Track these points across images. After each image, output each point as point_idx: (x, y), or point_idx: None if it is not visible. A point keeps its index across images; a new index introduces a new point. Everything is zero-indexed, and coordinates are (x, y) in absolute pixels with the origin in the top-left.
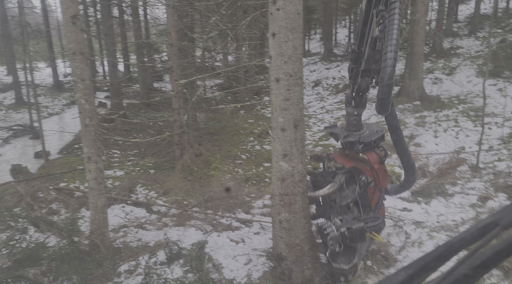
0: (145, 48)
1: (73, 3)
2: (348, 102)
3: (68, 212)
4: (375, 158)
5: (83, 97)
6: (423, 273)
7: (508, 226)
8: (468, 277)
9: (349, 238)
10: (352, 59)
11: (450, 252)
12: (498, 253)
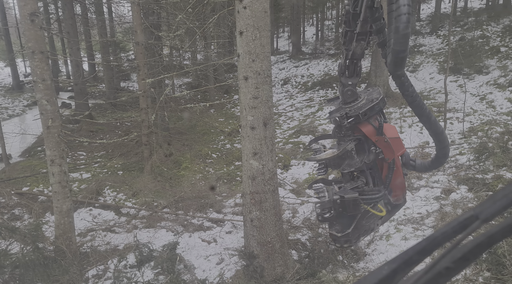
0: (111, 47)
1: (31, 0)
2: (341, 72)
3: (31, 217)
4: (370, 130)
5: (45, 98)
6: (407, 267)
7: (488, 219)
8: (450, 270)
9: (341, 207)
10: (347, 22)
11: (432, 246)
12: (478, 246)
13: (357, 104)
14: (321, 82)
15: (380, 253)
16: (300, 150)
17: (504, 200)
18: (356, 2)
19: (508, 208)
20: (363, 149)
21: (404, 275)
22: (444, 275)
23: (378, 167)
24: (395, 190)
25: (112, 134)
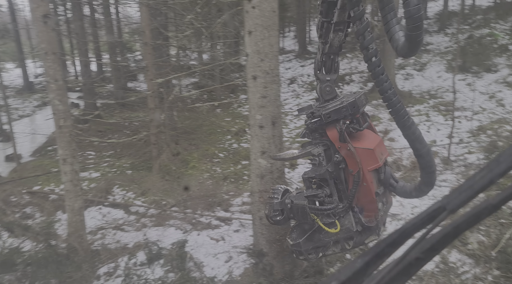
0: (118, 47)
1: (43, 2)
2: (317, 68)
3: (43, 215)
4: (334, 135)
5: (57, 98)
6: (379, 259)
7: (454, 210)
8: (420, 260)
9: (291, 212)
10: (323, 12)
11: (402, 237)
12: (446, 236)
13: (330, 105)
14: None
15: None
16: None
17: (469, 191)
18: None
19: (472, 198)
20: (331, 155)
21: (376, 267)
22: (415, 265)
23: (347, 179)
24: (365, 209)
25: (120, 134)
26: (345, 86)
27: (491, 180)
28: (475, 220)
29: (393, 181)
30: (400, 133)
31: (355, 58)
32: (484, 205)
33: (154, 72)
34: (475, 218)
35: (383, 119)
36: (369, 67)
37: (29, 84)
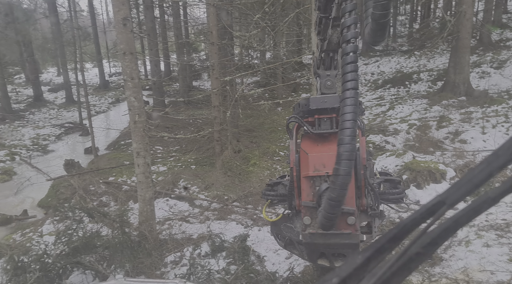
0: (185, 47)
1: (124, 6)
2: (317, 66)
3: (117, 204)
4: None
5: (133, 95)
6: (379, 254)
7: (454, 204)
8: (420, 254)
9: None
10: (320, 7)
11: (402, 232)
12: (446, 230)
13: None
14: (393, 80)
15: (458, 259)
16: (370, 149)
17: (468, 185)
18: None
19: (471, 192)
20: None
21: (377, 262)
22: (415, 260)
23: None
24: None
25: (185, 130)
26: (413, 85)
27: (490, 174)
28: (474, 213)
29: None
30: (473, 136)
31: (423, 56)
32: (483, 198)
33: (219, 71)
34: (475, 212)
35: (453, 120)
36: (342, 62)
37: (105, 83)
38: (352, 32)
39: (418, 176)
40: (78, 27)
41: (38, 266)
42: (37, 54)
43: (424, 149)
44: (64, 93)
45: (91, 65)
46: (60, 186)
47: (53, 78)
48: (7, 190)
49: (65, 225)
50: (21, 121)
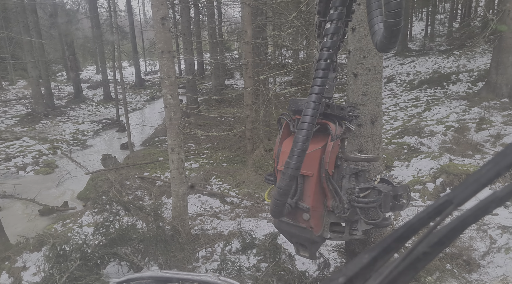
0: (219, 47)
1: (163, 6)
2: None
3: (151, 198)
4: None
5: (169, 92)
6: (386, 254)
7: (461, 203)
8: (427, 254)
9: None
10: (320, 11)
11: (409, 232)
12: (453, 230)
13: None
14: (429, 81)
15: (497, 266)
16: (404, 150)
17: (475, 185)
18: None
19: (479, 192)
20: None
21: (384, 262)
22: (422, 260)
23: None
24: None
25: (217, 128)
26: (451, 85)
27: (498, 173)
28: (482, 213)
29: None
30: None
31: (463, 56)
32: (491, 198)
33: (252, 70)
34: (482, 211)
35: (495, 123)
36: (315, 67)
37: (140, 81)
38: (330, 41)
39: (455, 180)
40: (117, 26)
41: (78, 255)
42: (78, 53)
43: (462, 151)
44: (102, 91)
45: (128, 64)
46: (98, 180)
47: (92, 76)
48: (49, 182)
49: (103, 217)
50: (62, 117)
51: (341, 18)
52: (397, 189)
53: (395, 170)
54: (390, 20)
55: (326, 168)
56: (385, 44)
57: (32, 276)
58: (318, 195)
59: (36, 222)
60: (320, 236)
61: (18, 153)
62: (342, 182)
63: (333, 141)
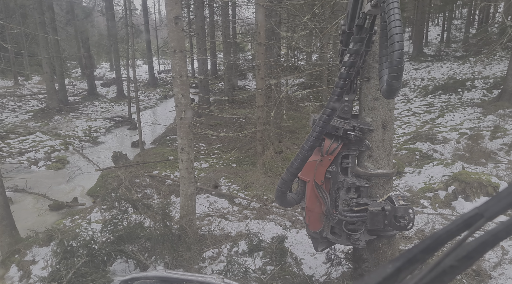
0: (232, 47)
1: (177, 5)
2: None
3: (160, 197)
4: None
5: (180, 92)
6: (411, 265)
7: (492, 217)
8: (454, 268)
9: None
10: (343, 41)
11: (436, 244)
12: (483, 244)
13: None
14: (444, 87)
15: (508, 278)
16: (416, 157)
17: (509, 198)
18: (352, 23)
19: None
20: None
21: (408, 273)
22: (449, 273)
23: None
24: None
25: (228, 129)
26: (466, 92)
27: None
28: None
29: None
30: None
31: (479, 62)
32: None
33: (265, 71)
34: None
35: (510, 131)
36: (332, 92)
37: (153, 79)
38: (346, 73)
39: (467, 188)
40: (132, 25)
41: (85, 251)
42: (93, 50)
43: (475, 159)
44: (115, 88)
45: (142, 62)
46: (108, 177)
47: (106, 73)
48: (60, 177)
49: (111, 214)
50: (75, 113)
51: (358, 53)
52: (397, 210)
53: (406, 176)
54: (391, 80)
55: (315, 178)
56: (386, 96)
57: (40, 270)
58: (313, 199)
59: (46, 217)
60: (319, 233)
61: (31, 147)
62: (339, 193)
63: (322, 156)
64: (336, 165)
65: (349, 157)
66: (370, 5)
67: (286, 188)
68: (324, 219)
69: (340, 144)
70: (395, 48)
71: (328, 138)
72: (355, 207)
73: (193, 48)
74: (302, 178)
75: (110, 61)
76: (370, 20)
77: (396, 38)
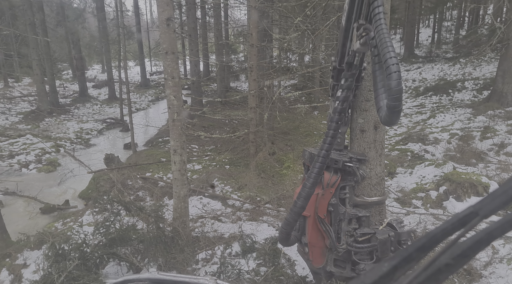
0: (224, 49)
1: (168, 7)
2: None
3: (152, 199)
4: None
5: (172, 93)
6: (406, 264)
7: (487, 216)
8: (450, 266)
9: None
10: (334, 76)
11: (432, 242)
12: (478, 242)
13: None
14: (435, 88)
15: (499, 277)
16: (408, 157)
17: (504, 197)
18: (342, 60)
19: (507, 204)
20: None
21: (404, 272)
22: (444, 272)
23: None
24: None
25: (221, 130)
26: (456, 93)
27: None
28: (509, 226)
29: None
30: None
31: (469, 64)
32: None
33: (257, 73)
34: (510, 225)
35: (499, 131)
36: (327, 126)
37: (145, 81)
38: (340, 107)
39: (458, 188)
40: (124, 26)
41: (77, 255)
42: (84, 52)
43: (466, 160)
44: (107, 90)
45: (134, 64)
46: (100, 179)
47: (98, 75)
48: (51, 180)
49: (104, 216)
50: (66, 115)
51: (350, 88)
52: (400, 235)
53: (397, 176)
54: (391, 103)
55: (317, 212)
56: (388, 122)
57: (32, 274)
58: (315, 233)
59: (37, 220)
60: (323, 268)
61: (22, 150)
62: (341, 225)
63: (323, 189)
64: (336, 197)
65: (346, 188)
66: (359, 43)
67: (291, 229)
68: (327, 253)
69: (339, 176)
70: (392, 70)
71: (327, 172)
72: (360, 237)
73: (185, 49)
74: (303, 214)
75: (101, 62)
76: (359, 57)
77: (392, 62)
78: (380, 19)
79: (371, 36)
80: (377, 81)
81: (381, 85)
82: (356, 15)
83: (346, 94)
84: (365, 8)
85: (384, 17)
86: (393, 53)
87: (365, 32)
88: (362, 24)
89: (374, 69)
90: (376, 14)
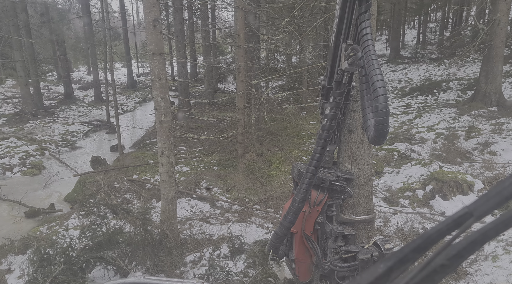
0: (212, 50)
1: (155, 8)
2: None
3: (140, 202)
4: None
5: (160, 95)
6: (402, 265)
7: (482, 216)
8: (445, 267)
9: None
10: (323, 95)
11: (427, 243)
12: (473, 243)
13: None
14: (420, 88)
15: (484, 274)
16: (395, 157)
17: (497, 197)
18: (331, 78)
19: (501, 205)
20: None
21: (399, 273)
22: (439, 272)
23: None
24: None
25: (209, 132)
26: (441, 93)
27: None
28: (503, 227)
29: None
30: (503, 147)
31: (453, 64)
32: None
33: (245, 74)
34: (504, 225)
35: (483, 131)
36: (316, 143)
37: (132, 82)
38: (328, 125)
39: (444, 187)
40: (110, 27)
41: (62, 259)
42: (69, 53)
43: (451, 159)
44: (93, 92)
45: (120, 65)
46: (86, 182)
47: (84, 77)
48: (36, 184)
49: (90, 220)
50: (51, 117)
51: (339, 106)
52: (384, 256)
53: (385, 176)
54: (378, 124)
55: (304, 230)
56: (375, 141)
57: (16, 279)
58: (302, 249)
59: (21, 224)
60: (309, 283)
61: (5, 153)
62: (328, 242)
63: (310, 207)
64: (322, 214)
65: (333, 206)
66: (347, 63)
67: (280, 242)
68: (314, 269)
69: (326, 194)
70: (379, 93)
71: (314, 190)
72: (344, 254)
73: (173, 51)
74: (291, 230)
75: (87, 64)
76: (348, 76)
77: (379, 84)
78: (367, 40)
79: (358, 57)
80: (364, 100)
81: (368, 104)
82: (344, 35)
83: (335, 112)
84: (353, 29)
85: (371, 38)
86: (380, 75)
87: (353, 52)
88: (350, 45)
89: (362, 88)
90: (364, 35)
